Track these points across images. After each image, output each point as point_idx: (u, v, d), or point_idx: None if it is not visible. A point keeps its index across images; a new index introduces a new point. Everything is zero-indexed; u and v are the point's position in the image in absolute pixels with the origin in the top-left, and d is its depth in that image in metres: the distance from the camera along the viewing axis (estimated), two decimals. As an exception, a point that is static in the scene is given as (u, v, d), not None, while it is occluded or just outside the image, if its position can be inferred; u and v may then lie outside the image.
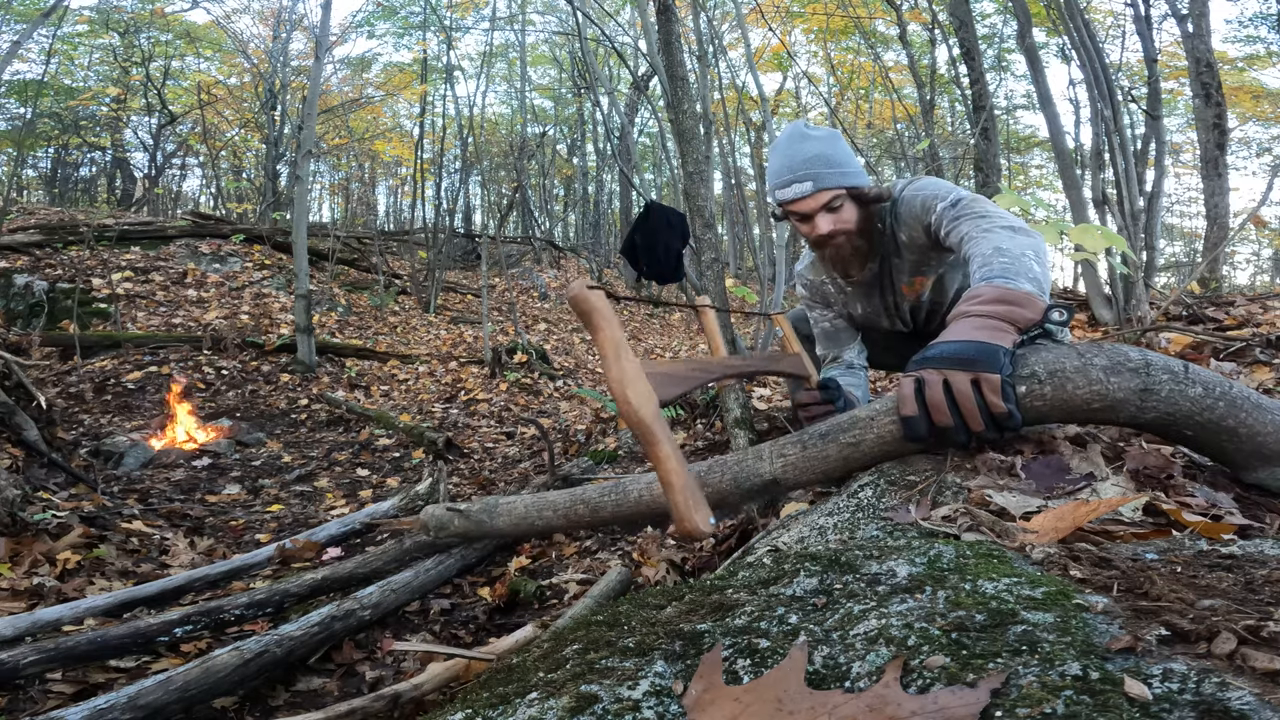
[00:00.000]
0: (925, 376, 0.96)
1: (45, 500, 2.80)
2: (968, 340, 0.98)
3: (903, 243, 1.56)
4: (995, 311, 1.02)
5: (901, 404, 0.98)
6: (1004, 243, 1.19)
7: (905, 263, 1.60)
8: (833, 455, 1.07)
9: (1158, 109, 6.18)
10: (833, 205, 1.49)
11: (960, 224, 1.34)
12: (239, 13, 16.41)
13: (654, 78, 6.89)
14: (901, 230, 1.54)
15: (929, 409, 0.95)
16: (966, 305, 1.06)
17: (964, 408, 0.93)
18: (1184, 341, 2.24)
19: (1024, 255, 1.15)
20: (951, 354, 0.97)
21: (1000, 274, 1.10)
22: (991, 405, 0.92)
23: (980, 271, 1.15)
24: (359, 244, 10.36)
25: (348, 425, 4.97)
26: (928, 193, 1.47)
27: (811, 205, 1.49)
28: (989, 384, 0.93)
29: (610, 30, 8.57)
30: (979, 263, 1.18)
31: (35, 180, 16.84)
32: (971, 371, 0.94)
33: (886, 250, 1.61)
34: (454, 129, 12.52)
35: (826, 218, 1.50)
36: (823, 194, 1.47)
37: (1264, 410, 0.94)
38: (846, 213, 1.50)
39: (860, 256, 1.61)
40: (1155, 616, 0.51)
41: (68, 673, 1.67)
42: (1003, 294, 1.05)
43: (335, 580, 2.11)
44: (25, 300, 6.23)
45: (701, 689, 0.53)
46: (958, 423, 0.93)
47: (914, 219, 1.50)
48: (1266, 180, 16.53)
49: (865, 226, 1.54)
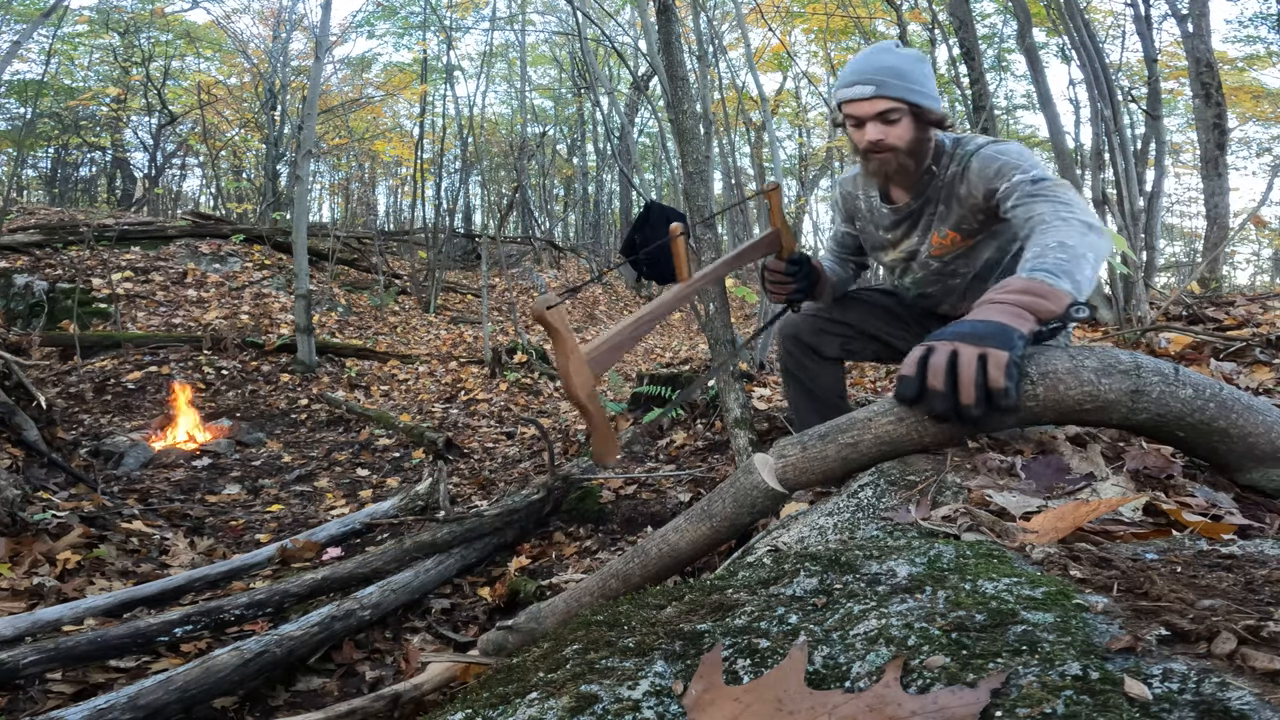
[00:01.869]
0: (935, 345, 0.98)
1: (45, 500, 2.80)
2: (988, 320, 1.00)
3: (958, 194, 1.51)
4: (1019, 300, 1.03)
5: (904, 365, 0.99)
6: (1072, 239, 1.16)
7: (950, 214, 1.54)
8: (831, 455, 1.07)
9: (1158, 109, 6.18)
10: (890, 116, 1.44)
11: (1036, 204, 1.29)
12: (239, 13, 16.39)
13: (654, 78, 6.89)
14: (963, 184, 1.49)
15: (927, 371, 0.96)
16: (994, 293, 1.07)
17: (961, 376, 0.93)
18: (1184, 341, 2.24)
19: (1083, 256, 1.13)
20: (966, 331, 0.98)
21: (1047, 270, 1.09)
22: (991, 379, 0.92)
23: (1032, 262, 1.12)
24: (359, 244, 10.36)
25: (348, 425, 4.97)
26: (1010, 160, 1.41)
27: (867, 110, 1.44)
28: (995, 359, 0.93)
29: (610, 30, 8.57)
30: (1036, 251, 1.15)
31: (35, 180, 16.84)
32: (980, 346, 0.94)
33: (936, 194, 1.55)
34: (454, 129, 12.51)
35: (878, 126, 1.45)
36: (880, 101, 1.43)
37: (1255, 411, 0.94)
38: (901, 128, 1.45)
39: (905, 178, 1.54)
40: (1155, 616, 0.51)
41: (68, 673, 1.67)
42: (1029, 285, 1.05)
43: (335, 580, 2.11)
44: (25, 300, 6.23)
45: (701, 689, 0.53)
46: (948, 390, 0.94)
47: (983, 179, 1.44)
48: (1266, 180, 16.54)
49: (917, 149, 1.48)
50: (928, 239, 1.61)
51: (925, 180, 1.54)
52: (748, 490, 1.06)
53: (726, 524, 1.07)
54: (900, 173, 1.52)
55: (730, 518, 1.06)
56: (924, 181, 1.55)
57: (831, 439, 1.08)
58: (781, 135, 16.13)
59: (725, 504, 1.07)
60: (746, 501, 1.06)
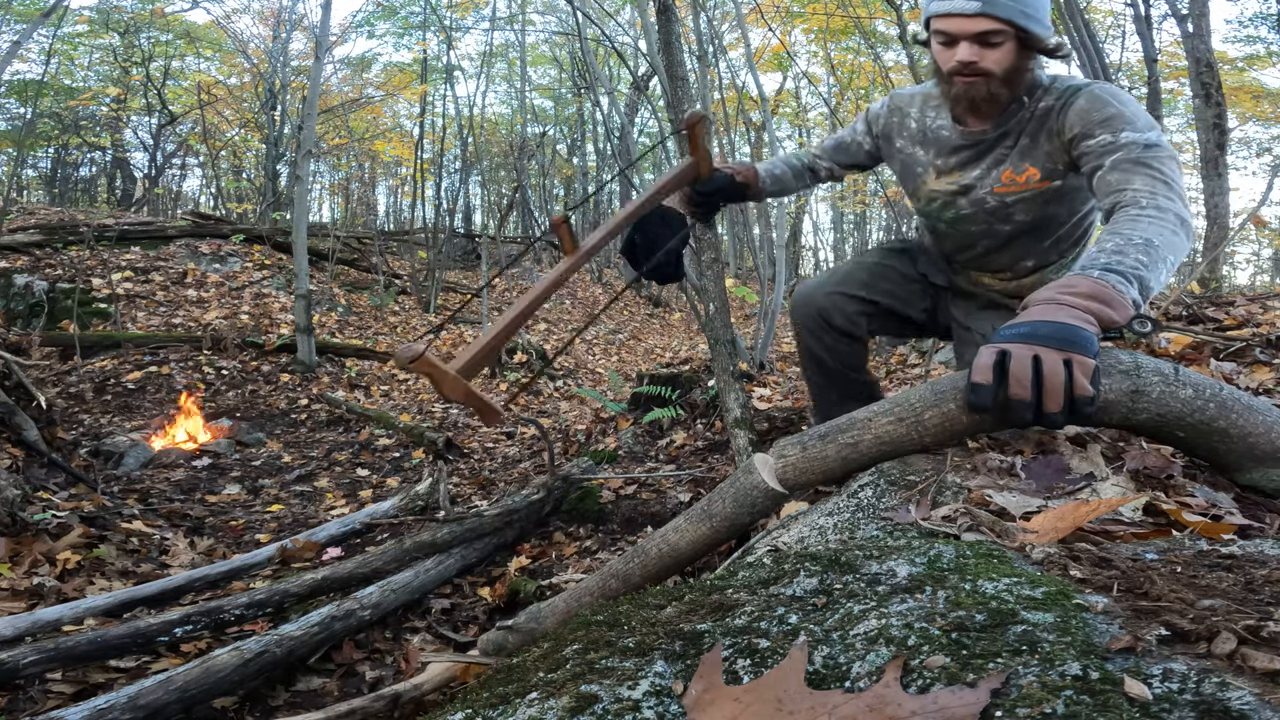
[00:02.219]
0: (1012, 350, 0.91)
1: (45, 500, 2.80)
2: (1062, 322, 0.94)
3: (1049, 128, 1.33)
4: (1087, 306, 0.97)
5: (976, 371, 0.92)
6: (1160, 237, 1.06)
7: (1035, 149, 1.36)
8: (831, 456, 1.07)
9: (1158, 109, 6.18)
10: (992, 39, 1.25)
11: (1137, 175, 1.16)
12: (239, 13, 16.42)
13: (654, 78, 6.89)
14: (1059, 118, 1.31)
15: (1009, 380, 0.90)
16: (1056, 291, 0.99)
17: (1049, 383, 0.88)
18: (1184, 341, 2.24)
19: (1164, 260, 1.05)
20: (1048, 333, 0.92)
21: (1124, 273, 1.01)
22: (1079, 387, 0.88)
23: (1109, 257, 1.04)
24: (359, 244, 10.36)
25: (348, 425, 4.97)
26: (1125, 110, 1.24)
27: (966, 27, 1.25)
28: (1082, 366, 0.88)
29: (610, 30, 8.57)
30: (1118, 244, 1.06)
31: (35, 180, 16.84)
32: (1065, 351, 0.89)
33: (1019, 127, 1.37)
34: (454, 129, 12.52)
35: (974, 48, 1.26)
36: (984, 20, 1.23)
37: (1255, 411, 0.94)
38: (1002, 53, 1.26)
39: (990, 108, 1.36)
40: (1155, 616, 0.51)
41: (68, 673, 1.67)
42: (1097, 291, 0.98)
43: (335, 580, 2.11)
44: (25, 300, 6.23)
45: (701, 689, 0.53)
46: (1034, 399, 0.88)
47: (1084, 120, 1.26)
48: (1266, 180, 16.54)
49: (1013, 78, 1.30)
50: (994, 174, 1.42)
51: (1012, 111, 1.37)
52: (748, 490, 1.06)
53: (726, 524, 1.07)
54: (988, 101, 1.33)
55: (730, 518, 1.07)
56: (1010, 112, 1.37)
57: (831, 439, 1.08)
58: (781, 135, 16.14)
59: (725, 504, 1.07)
60: (746, 501, 1.06)
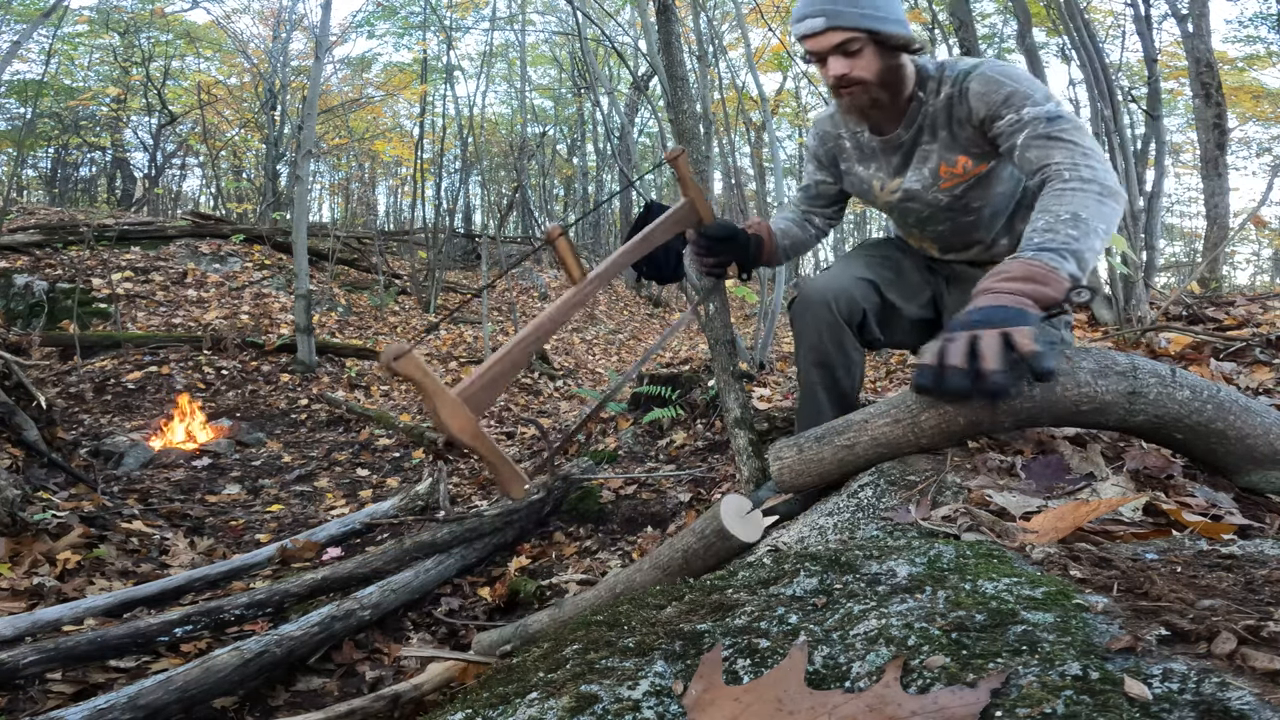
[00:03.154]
0: (952, 335, 0.96)
1: (45, 500, 2.80)
2: (992, 305, 0.99)
3: (958, 118, 1.37)
4: (1021, 289, 1.01)
5: (921, 354, 0.99)
6: (1087, 208, 1.09)
7: (955, 140, 1.40)
8: (828, 458, 1.07)
9: (1158, 109, 6.18)
10: (849, 48, 1.31)
11: (1053, 149, 1.19)
12: (239, 13, 16.39)
13: (654, 78, 6.89)
14: (962, 105, 1.35)
15: (946, 353, 0.94)
16: (991, 281, 1.04)
17: (985, 350, 0.92)
18: (1184, 341, 2.24)
19: (1094, 230, 1.08)
20: (980, 319, 0.97)
21: (1057, 249, 1.05)
22: (1021, 346, 0.91)
23: (1040, 237, 1.08)
24: (359, 244, 10.36)
25: (348, 425, 4.97)
26: (1020, 87, 1.28)
27: (823, 44, 1.32)
28: (1019, 334, 0.92)
29: (610, 30, 8.57)
30: (1046, 222, 1.09)
31: (35, 180, 16.84)
32: (1000, 328, 0.94)
33: (929, 122, 1.41)
34: (454, 129, 12.52)
35: (841, 60, 1.32)
36: (834, 34, 1.30)
37: (1253, 413, 0.94)
38: (865, 59, 1.32)
39: (885, 112, 1.41)
40: (1155, 616, 0.51)
41: (68, 673, 1.67)
42: (1030, 273, 1.02)
43: (335, 580, 2.11)
44: (25, 300, 6.23)
45: (701, 689, 0.53)
46: (970, 368, 0.92)
47: (986, 102, 1.30)
48: (1266, 180, 16.54)
49: (889, 79, 1.35)
50: (929, 172, 1.46)
51: (914, 109, 1.41)
52: (712, 537, 1.06)
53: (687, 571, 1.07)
54: (876, 107, 1.39)
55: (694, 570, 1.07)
56: (912, 110, 1.41)
57: (828, 441, 1.08)
58: (781, 135, 16.13)
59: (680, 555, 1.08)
60: (713, 551, 1.06)
